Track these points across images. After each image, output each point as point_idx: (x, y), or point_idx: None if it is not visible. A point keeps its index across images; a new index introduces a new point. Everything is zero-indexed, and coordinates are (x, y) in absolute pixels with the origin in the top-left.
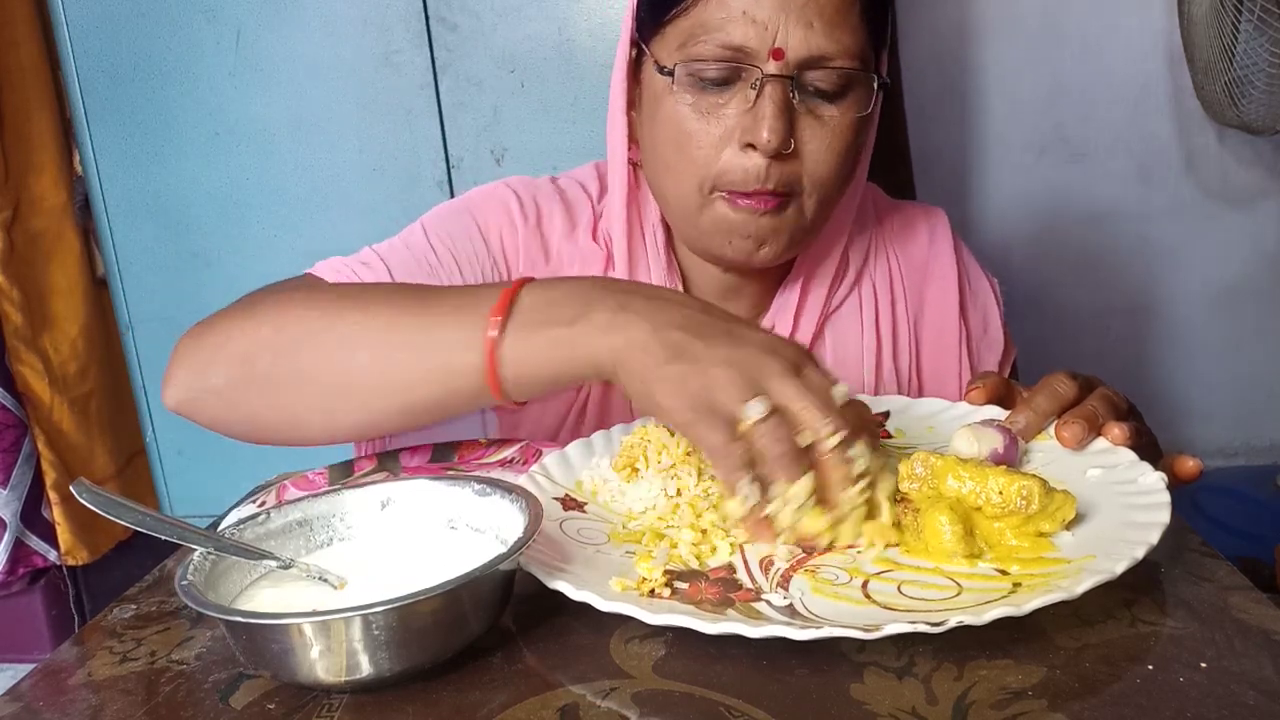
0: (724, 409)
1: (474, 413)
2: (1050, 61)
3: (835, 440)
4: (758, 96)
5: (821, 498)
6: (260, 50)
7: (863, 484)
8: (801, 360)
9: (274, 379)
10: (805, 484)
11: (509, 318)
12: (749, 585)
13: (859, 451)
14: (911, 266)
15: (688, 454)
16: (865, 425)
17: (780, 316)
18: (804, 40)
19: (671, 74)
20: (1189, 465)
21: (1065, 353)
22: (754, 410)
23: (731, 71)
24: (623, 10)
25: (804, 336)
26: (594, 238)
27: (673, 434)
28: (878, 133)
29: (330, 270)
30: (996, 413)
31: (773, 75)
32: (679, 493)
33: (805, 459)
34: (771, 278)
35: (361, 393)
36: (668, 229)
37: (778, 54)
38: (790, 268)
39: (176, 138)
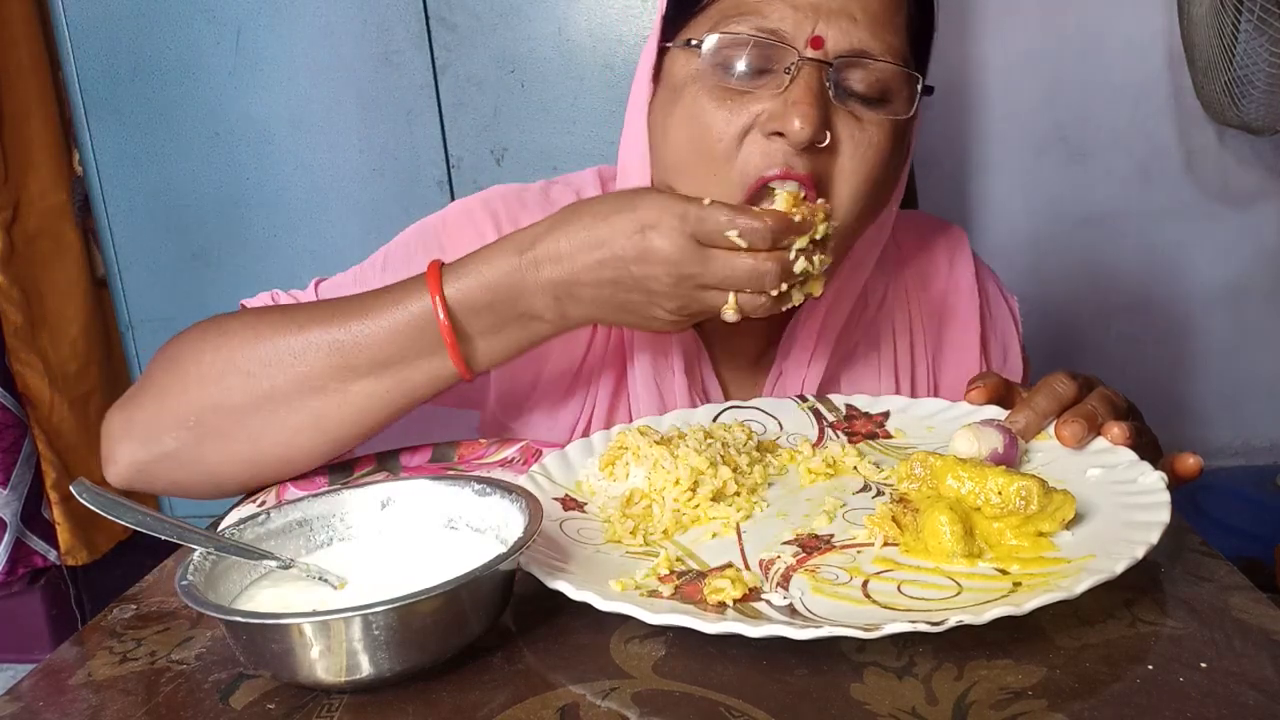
0: (708, 306)
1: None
2: (1050, 61)
3: (776, 271)
4: (791, 81)
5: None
6: (260, 50)
7: (822, 220)
8: (679, 208)
9: (227, 434)
10: (800, 260)
11: (458, 332)
12: (749, 584)
13: (807, 210)
14: (930, 299)
15: (661, 441)
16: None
17: (793, 355)
18: (845, 33)
19: (699, 46)
20: (1189, 463)
21: (1065, 353)
22: (729, 316)
23: (765, 57)
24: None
25: (813, 376)
26: None
27: (644, 433)
28: None
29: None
30: (996, 413)
31: (810, 59)
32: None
33: (777, 251)
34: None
35: (329, 428)
36: None
37: (816, 42)
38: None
39: (176, 137)
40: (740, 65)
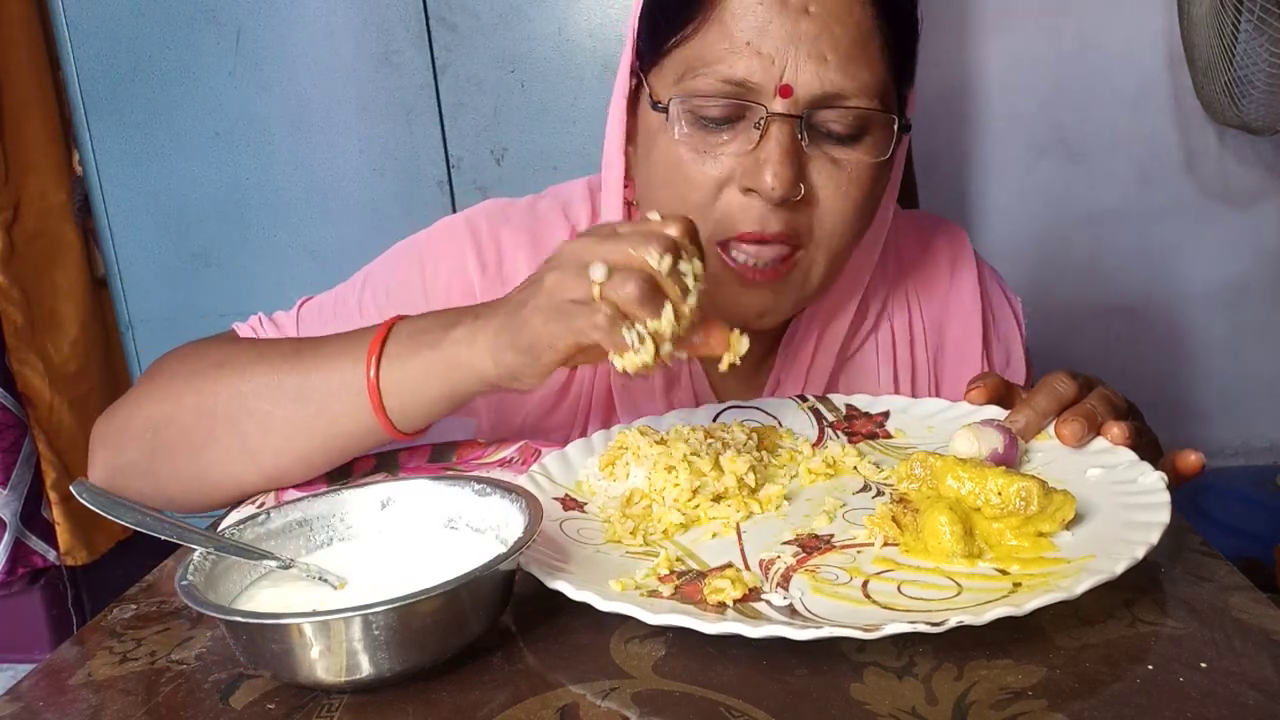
0: (574, 298)
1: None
2: (1050, 62)
3: (667, 262)
4: (761, 137)
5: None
6: (260, 50)
7: (697, 288)
8: (609, 226)
9: (175, 449)
10: (668, 313)
11: (382, 355)
12: (749, 584)
13: (686, 265)
14: (932, 302)
15: (661, 441)
16: (679, 236)
17: (787, 368)
18: (816, 76)
19: (666, 110)
20: (1190, 459)
21: (1065, 353)
22: (596, 273)
23: (733, 109)
24: (624, 10)
25: (815, 386)
26: None
27: (644, 433)
28: None
29: (249, 330)
30: (996, 413)
31: (779, 114)
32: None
33: (659, 292)
34: (778, 326)
35: (257, 453)
36: None
37: (785, 91)
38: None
39: (176, 137)
40: (710, 120)
